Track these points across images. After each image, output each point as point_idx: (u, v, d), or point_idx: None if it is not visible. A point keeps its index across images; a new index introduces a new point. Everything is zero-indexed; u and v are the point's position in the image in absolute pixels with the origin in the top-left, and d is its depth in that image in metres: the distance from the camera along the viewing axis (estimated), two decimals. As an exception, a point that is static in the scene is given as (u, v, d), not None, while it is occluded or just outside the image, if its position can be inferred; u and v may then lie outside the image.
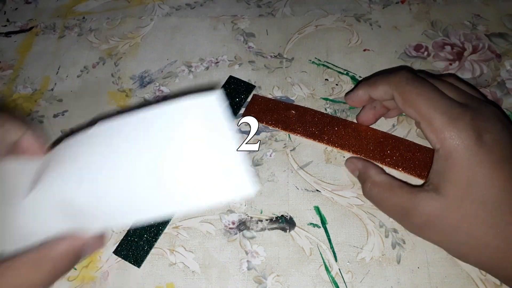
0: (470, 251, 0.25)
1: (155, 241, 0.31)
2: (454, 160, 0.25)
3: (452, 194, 0.24)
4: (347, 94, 0.33)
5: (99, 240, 0.24)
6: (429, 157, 0.32)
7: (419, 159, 0.32)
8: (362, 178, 0.30)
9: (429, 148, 0.32)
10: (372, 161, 0.32)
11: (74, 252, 0.22)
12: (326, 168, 0.33)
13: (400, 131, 0.34)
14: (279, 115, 0.35)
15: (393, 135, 0.33)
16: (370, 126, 0.34)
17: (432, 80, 0.28)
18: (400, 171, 0.31)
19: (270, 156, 0.34)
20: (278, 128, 0.34)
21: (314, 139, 0.34)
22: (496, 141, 0.24)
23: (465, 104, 0.26)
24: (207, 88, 0.38)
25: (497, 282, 0.27)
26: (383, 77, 0.29)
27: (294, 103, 0.36)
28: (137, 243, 0.31)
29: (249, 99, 0.36)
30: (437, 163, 0.26)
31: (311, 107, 0.36)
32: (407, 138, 0.33)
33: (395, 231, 0.30)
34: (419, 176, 0.31)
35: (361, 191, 0.30)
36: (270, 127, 0.35)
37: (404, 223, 0.28)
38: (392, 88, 0.28)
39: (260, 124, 0.35)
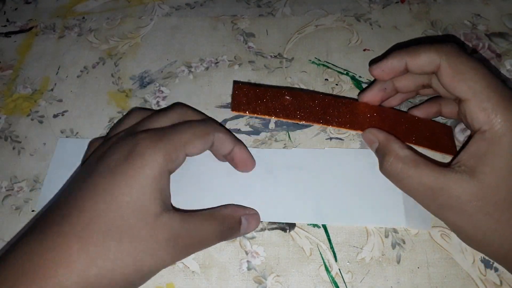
0: (496, 238, 0.24)
1: None
2: (502, 144, 0.23)
3: (490, 179, 0.23)
4: (372, 62, 0.29)
5: (255, 220, 0.29)
6: (435, 129, 0.31)
7: (439, 135, 0.30)
8: (382, 151, 0.27)
9: (428, 120, 0.31)
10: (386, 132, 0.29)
11: (235, 218, 0.28)
12: (326, 168, 0.33)
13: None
14: (273, 103, 0.30)
15: (399, 110, 0.31)
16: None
17: None
18: (414, 143, 0.29)
19: (270, 156, 0.34)
20: (280, 117, 0.29)
21: (318, 123, 0.30)
22: None
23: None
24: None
25: (497, 282, 0.27)
26: (427, 45, 0.26)
27: (284, 88, 0.32)
28: None
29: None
30: (477, 145, 0.24)
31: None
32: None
33: (395, 231, 0.30)
34: (446, 152, 0.30)
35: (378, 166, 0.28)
36: (267, 117, 0.31)
37: (428, 203, 0.26)
38: (441, 56, 0.25)
39: (254, 116, 0.31)
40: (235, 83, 0.29)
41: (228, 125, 0.35)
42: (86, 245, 0.23)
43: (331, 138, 0.34)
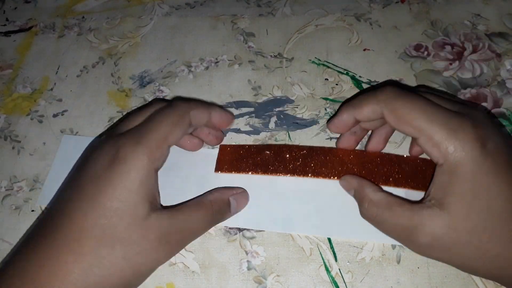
0: (481, 264, 0.24)
1: None
2: (459, 173, 0.23)
3: (458, 209, 0.23)
4: (329, 121, 0.30)
5: (244, 198, 0.30)
6: (420, 165, 0.31)
7: (406, 170, 0.31)
8: (358, 198, 0.28)
9: (413, 157, 0.31)
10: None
11: (224, 201, 0.29)
12: (326, 168, 0.33)
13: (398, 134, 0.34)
14: (255, 159, 0.32)
15: (377, 152, 0.32)
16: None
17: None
18: (396, 187, 0.30)
19: (270, 156, 0.34)
20: (259, 173, 0.32)
21: (299, 175, 0.31)
22: (498, 148, 0.24)
23: (460, 112, 0.25)
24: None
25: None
26: (368, 95, 0.27)
27: (266, 144, 0.34)
28: None
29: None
30: (439, 178, 0.25)
31: (310, 106, 0.36)
32: (407, 138, 0.33)
33: (395, 231, 0.30)
34: (417, 188, 0.30)
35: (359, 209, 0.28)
36: (251, 174, 0.32)
37: (408, 243, 0.26)
38: (381, 105, 0.26)
39: (237, 174, 0.32)
40: (221, 145, 0.33)
41: (228, 125, 0.36)
42: (80, 255, 0.23)
43: (331, 138, 0.34)
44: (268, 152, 0.32)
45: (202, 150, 0.34)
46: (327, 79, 0.38)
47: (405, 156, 0.32)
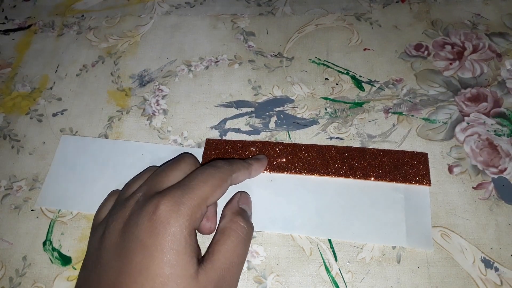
0: None
1: None
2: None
3: None
4: None
5: (246, 198, 0.31)
6: (396, 159, 0.32)
7: (387, 163, 0.32)
8: None
9: (394, 150, 0.32)
10: (343, 178, 0.31)
11: (238, 214, 0.28)
12: (326, 168, 0.33)
13: (400, 130, 0.34)
14: (240, 155, 0.33)
15: (356, 147, 0.33)
16: (332, 144, 0.34)
17: None
18: (373, 180, 0.31)
19: (270, 155, 0.34)
20: None
21: (282, 172, 0.32)
22: None
23: None
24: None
25: (498, 282, 0.28)
26: None
27: (250, 140, 0.34)
28: None
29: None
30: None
31: (310, 106, 0.36)
32: (407, 138, 0.33)
33: (395, 231, 0.30)
34: (397, 180, 0.31)
35: None
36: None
37: None
38: None
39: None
40: (207, 140, 0.34)
41: (228, 124, 0.35)
42: None
43: (331, 138, 0.34)
44: (253, 149, 0.33)
45: (191, 149, 0.34)
46: (327, 79, 0.38)
47: (385, 150, 0.33)
